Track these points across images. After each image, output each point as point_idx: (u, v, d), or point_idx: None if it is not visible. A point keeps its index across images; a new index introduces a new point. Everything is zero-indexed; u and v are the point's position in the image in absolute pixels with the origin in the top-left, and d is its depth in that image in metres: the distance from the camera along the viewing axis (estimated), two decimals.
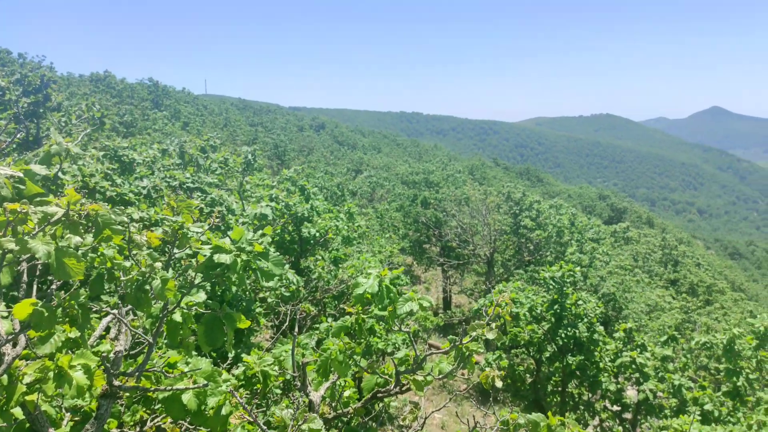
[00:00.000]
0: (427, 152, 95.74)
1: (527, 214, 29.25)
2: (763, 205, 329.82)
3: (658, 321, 26.70)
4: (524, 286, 18.74)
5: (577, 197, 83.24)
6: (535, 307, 16.27)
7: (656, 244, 49.00)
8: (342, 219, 16.56)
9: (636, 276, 33.05)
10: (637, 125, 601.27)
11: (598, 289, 25.60)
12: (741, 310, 36.82)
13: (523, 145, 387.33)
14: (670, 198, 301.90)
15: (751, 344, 14.12)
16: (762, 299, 56.73)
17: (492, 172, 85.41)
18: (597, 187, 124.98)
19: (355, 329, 5.93)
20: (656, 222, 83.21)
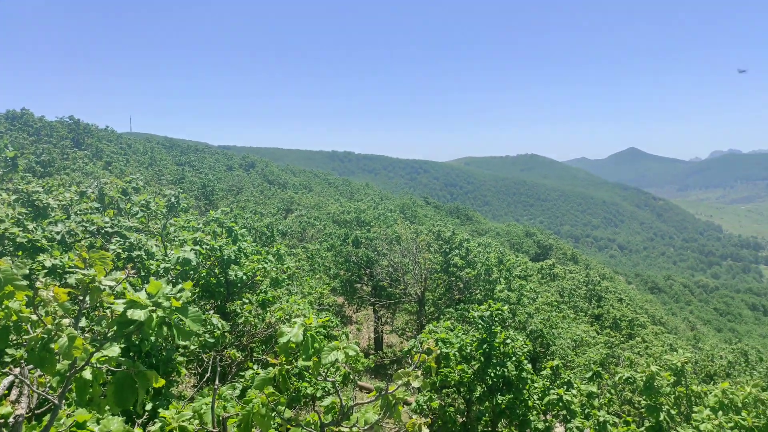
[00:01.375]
0: (358, 191, 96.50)
1: (457, 252, 29.86)
2: (678, 241, 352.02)
3: (584, 356, 27.63)
4: (454, 325, 18.98)
5: (505, 235, 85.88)
6: (465, 346, 16.49)
7: (580, 280, 50.99)
8: (271, 260, 16.32)
9: (562, 312, 34.18)
10: (560, 165, 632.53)
11: (527, 326, 26.29)
12: (661, 343, 38.70)
13: (453, 184, 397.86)
14: (592, 235, 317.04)
15: (669, 380, 14.83)
16: (680, 332, 59.96)
17: (423, 210, 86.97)
18: (524, 225, 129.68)
19: (280, 380, 5.82)
20: (580, 258, 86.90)
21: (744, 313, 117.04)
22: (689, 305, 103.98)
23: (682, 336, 52.94)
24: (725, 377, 31.68)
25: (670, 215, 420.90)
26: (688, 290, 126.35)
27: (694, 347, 40.47)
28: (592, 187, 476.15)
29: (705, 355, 34.81)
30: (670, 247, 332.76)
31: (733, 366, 34.49)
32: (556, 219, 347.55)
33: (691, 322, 75.30)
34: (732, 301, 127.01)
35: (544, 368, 17.19)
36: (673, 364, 15.12)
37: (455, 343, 16.63)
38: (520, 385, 16.15)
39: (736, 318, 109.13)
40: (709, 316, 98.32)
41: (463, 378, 15.99)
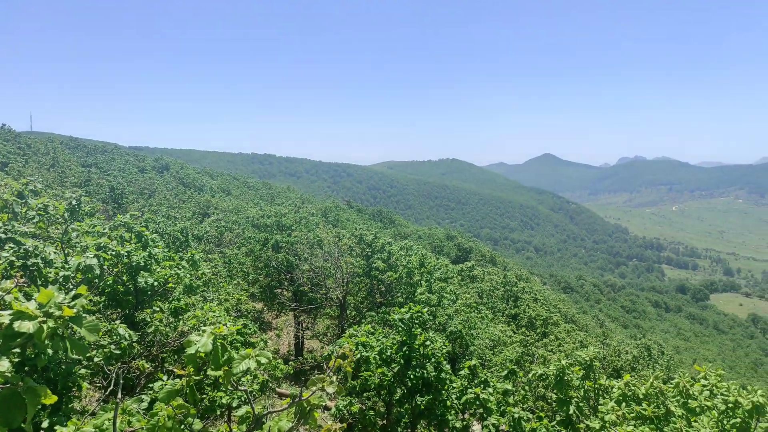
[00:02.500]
0: (279, 194, 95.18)
1: (379, 255, 30.05)
2: (589, 243, 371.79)
3: (501, 355, 28.56)
4: (375, 329, 19.08)
5: (427, 238, 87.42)
6: (385, 349, 16.61)
7: (498, 281, 52.70)
8: (184, 266, 15.76)
9: (481, 313, 35.15)
10: (480, 170, 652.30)
11: (446, 328, 26.83)
12: (573, 340, 40.67)
13: (376, 188, 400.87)
14: (510, 237, 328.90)
15: (578, 375, 15.60)
16: (591, 329, 63.22)
17: (345, 214, 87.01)
18: (445, 228, 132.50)
19: (187, 392, 5.62)
20: (499, 260, 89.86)
21: (648, 310, 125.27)
22: (599, 303, 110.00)
23: (592, 333, 55.84)
24: (630, 371, 33.65)
25: (582, 218, 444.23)
26: (597, 289, 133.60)
27: (602, 343, 42.68)
28: (510, 191, 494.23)
29: (612, 350, 36.78)
30: (582, 248, 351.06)
31: (637, 360, 36.66)
32: (476, 222, 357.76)
33: (600, 320, 79.66)
34: (637, 299, 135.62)
35: (462, 368, 17.59)
36: (582, 360, 15.93)
37: (376, 346, 16.71)
38: (439, 386, 16.47)
39: (641, 315, 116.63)
40: (616, 314, 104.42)
41: (383, 381, 16.09)
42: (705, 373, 14.02)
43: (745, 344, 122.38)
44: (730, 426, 12.41)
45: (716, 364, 57.26)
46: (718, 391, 13.19)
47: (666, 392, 13.75)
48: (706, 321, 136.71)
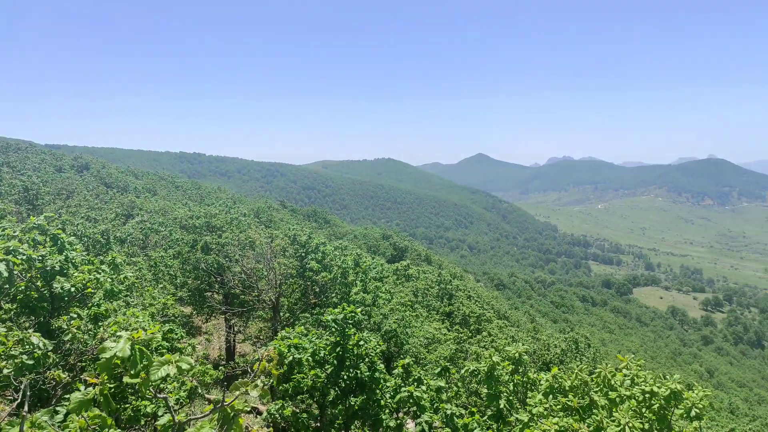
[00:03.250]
0: (209, 195, 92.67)
1: (313, 256, 29.82)
2: (521, 240, 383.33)
3: (435, 353, 28.99)
4: (309, 330, 18.93)
5: (363, 238, 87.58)
6: (318, 351, 16.51)
7: (433, 279, 53.47)
8: (105, 270, 15.06)
9: (416, 311, 35.57)
10: (415, 169, 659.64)
11: (381, 327, 26.97)
12: (505, 336, 41.82)
13: (311, 188, 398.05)
14: (445, 236, 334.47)
15: (508, 370, 16.02)
16: (522, 324, 65.16)
17: (279, 214, 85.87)
18: (381, 228, 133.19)
19: (101, 402, 5.36)
20: (433, 259, 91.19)
21: (576, 305, 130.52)
22: (530, 299, 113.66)
23: (524, 328, 57.56)
24: (559, 364, 34.96)
25: (514, 217, 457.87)
26: (529, 286, 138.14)
27: (533, 338, 44.04)
28: (444, 190, 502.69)
29: (542, 344, 38.06)
30: (514, 246, 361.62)
31: (565, 353, 38.13)
32: (411, 221, 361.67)
33: (531, 315, 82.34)
34: (566, 294, 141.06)
35: (396, 367, 17.73)
36: (512, 355, 16.38)
37: (309, 348, 16.57)
38: (373, 386, 16.51)
39: (569, 309, 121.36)
40: (546, 309, 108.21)
41: (316, 383, 15.98)
42: (626, 363, 14.72)
43: (665, 335, 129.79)
44: (649, 413, 13.09)
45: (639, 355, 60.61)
46: (638, 380, 13.87)
47: (590, 383, 14.32)
48: (630, 314, 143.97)
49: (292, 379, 15.87)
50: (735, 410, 60.48)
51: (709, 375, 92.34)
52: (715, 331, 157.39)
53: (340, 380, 16.06)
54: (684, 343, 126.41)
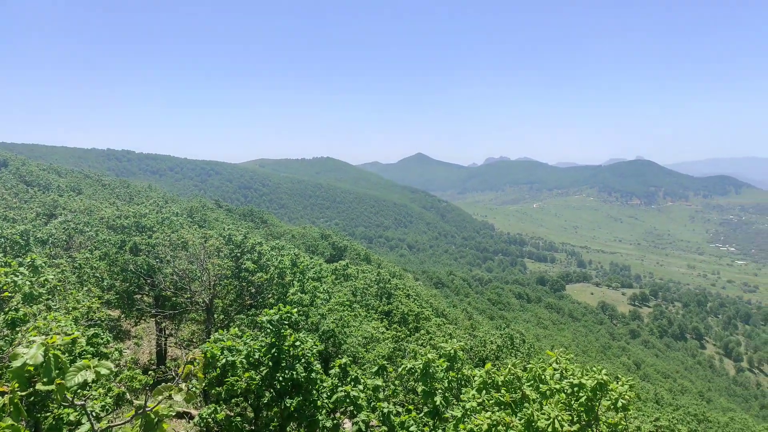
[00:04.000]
0: (139, 194, 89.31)
1: (249, 256, 29.36)
2: (459, 239, 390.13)
3: (374, 352, 29.09)
4: (244, 332, 18.62)
5: (301, 237, 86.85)
6: (253, 352, 16.26)
7: (372, 279, 53.61)
8: (23, 273, 14.31)
9: (354, 311, 35.61)
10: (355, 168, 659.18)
11: (319, 327, 26.86)
12: (443, 334, 42.42)
13: (247, 187, 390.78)
14: (384, 235, 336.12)
15: (443, 366, 16.28)
16: (460, 322, 66.35)
17: (214, 214, 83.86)
18: (320, 227, 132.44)
19: (11, 411, 5.08)
20: (373, 258, 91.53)
21: (512, 302, 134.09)
22: (467, 297, 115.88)
23: (461, 326, 58.65)
24: (495, 360, 35.84)
25: (452, 216, 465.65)
26: (466, 284, 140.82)
27: (470, 335, 44.90)
28: (384, 190, 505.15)
29: (479, 341, 38.90)
30: (452, 245, 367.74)
31: (501, 349, 39.11)
32: (351, 221, 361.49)
33: (469, 312, 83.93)
34: (502, 291, 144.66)
35: (333, 367, 17.70)
36: (447, 352, 16.67)
37: (243, 350, 16.30)
38: (310, 387, 16.42)
39: (506, 306, 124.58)
40: (483, 306, 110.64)
41: (250, 385, 15.74)
42: (556, 357, 15.26)
43: (596, 329, 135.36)
44: (577, 405, 13.63)
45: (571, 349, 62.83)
46: (567, 374, 14.41)
47: (522, 378, 14.77)
48: (563, 310, 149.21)
49: (226, 382, 15.58)
50: (660, 400, 63.73)
51: (636, 367, 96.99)
52: (641, 324, 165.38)
53: (275, 382, 15.87)
54: (613, 337, 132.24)
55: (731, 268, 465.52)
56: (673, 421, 44.09)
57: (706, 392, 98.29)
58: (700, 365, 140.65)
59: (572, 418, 13.43)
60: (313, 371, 16.72)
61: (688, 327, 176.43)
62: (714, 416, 63.02)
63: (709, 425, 56.26)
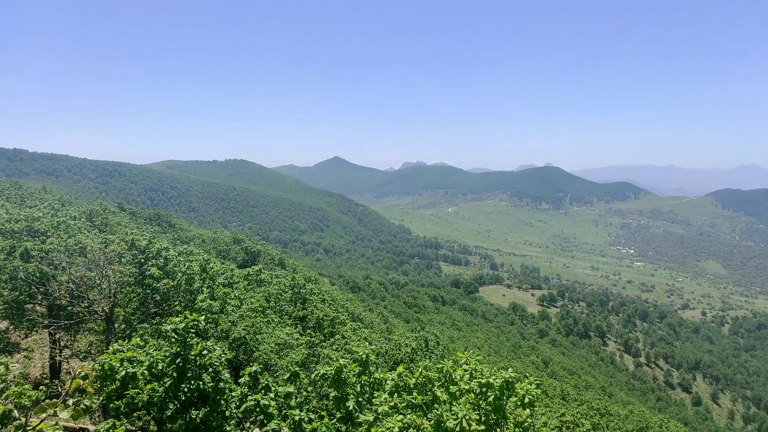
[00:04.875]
0: (32, 196, 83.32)
1: (154, 262, 28.16)
2: (376, 243, 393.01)
3: (287, 358, 28.70)
4: (147, 341, 17.84)
5: (212, 242, 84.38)
6: (156, 363, 15.59)
7: (287, 284, 52.91)
8: None
9: (267, 317, 35.01)
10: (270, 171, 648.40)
11: (230, 335, 26.19)
12: (358, 338, 42.55)
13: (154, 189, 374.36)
14: (300, 239, 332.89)
15: (355, 371, 16.30)
16: (376, 326, 66.80)
17: (116, 218, 79.72)
18: (232, 232, 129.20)
19: None
20: (288, 263, 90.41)
21: (427, 305, 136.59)
22: (384, 301, 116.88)
23: (377, 329, 59.04)
24: (409, 362, 36.34)
25: (370, 220, 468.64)
26: (383, 287, 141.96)
27: (386, 339, 45.28)
28: (300, 193, 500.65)
29: (394, 344, 39.31)
30: (369, 248, 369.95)
31: (416, 352, 39.72)
32: (265, 225, 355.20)
33: (385, 316, 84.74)
34: (418, 294, 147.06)
35: (242, 375, 17.30)
36: (359, 356, 16.71)
37: (145, 360, 15.59)
38: (217, 397, 15.96)
39: (421, 309, 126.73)
40: (399, 309, 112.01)
41: (153, 397, 15.08)
42: (466, 358, 15.69)
43: (507, 330, 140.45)
44: (485, 405, 14.07)
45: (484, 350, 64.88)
46: (476, 374, 14.85)
47: (433, 380, 15.06)
48: (476, 311, 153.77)
49: (126, 395, 14.83)
50: (566, 396, 67.07)
51: (545, 365, 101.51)
52: (549, 324, 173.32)
53: (180, 393, 15.30)
54: (523, 337, 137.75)
55: (631, 269, 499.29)
56: (578, 416, 46.48)
57: (608, 387, 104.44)
58: (602, 361, 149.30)
59: (481, 417, 13.85)
60: (222, 380, 16.27)
61: (592, 325, 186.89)
62: (615, 410, 67.05)
63: (611, 418, 59.77)
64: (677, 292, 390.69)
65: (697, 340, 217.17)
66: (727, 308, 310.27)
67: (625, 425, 58.98)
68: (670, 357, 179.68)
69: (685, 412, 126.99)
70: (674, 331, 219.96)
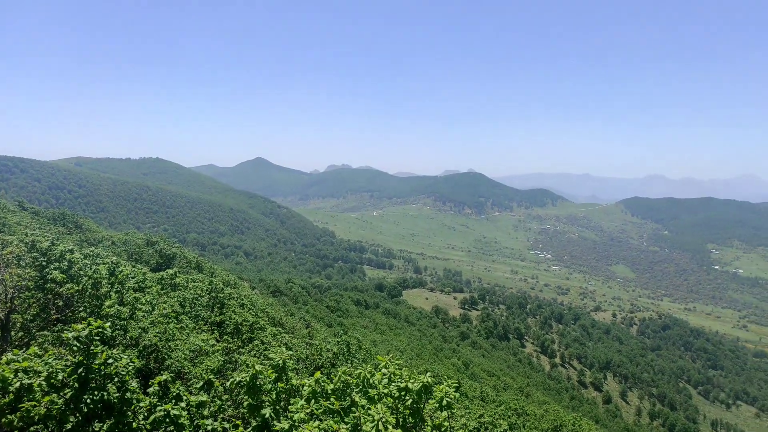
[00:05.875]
0: None
1: (57, 265, 26.65)
2: (299, 246, 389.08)
3: (202, 366, 27.87)
4: (46, 350, 16.83)
5: (123, 244, 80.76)
6: (56, 373, 14.71)
7: (204, 288, 51.42)
8: None
9: (181, 323, 33.91)
10: (188, 171, 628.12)
11: (140, 342, 25.18)
12: (278, 343, 41.94)
13: (60, 187, 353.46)
14: (219, 242, 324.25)
15: (271, 378, 16.04)
16: (297, 330, 66.05)
17: (15, 217, 74.73)
18: (145, 233, 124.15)
19: None
20: (205, 266, 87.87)
21: (350, 309, 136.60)
22: (306, 305, 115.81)
23: (298, 334, 58.45)
24: (330, 367, 36.22)
25: (293, 222, 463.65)
26: (305, 291, 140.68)
27: (307, 343, 44.93)
28: (220, 194, 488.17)
29: (315, 349, 39.07)
30: (292, 252, 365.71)
31: (337, 356, 39.63)
32: (182, 226, 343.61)
33: (307, 320, 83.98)
34: (341, 298, 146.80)
35: (152, 384, 16.64)
36: (275, 362, 16.46)
37: (43, 371, 14.67)
38: (124, 408, 15.25)
39: (344, 313, 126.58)
40: (322, 314, 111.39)
41: (51, 410, 14.20)
42: (385, 362, 15.80)
43: (430, 333, 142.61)
44: (403, 408, 14.22)
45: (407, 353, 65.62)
46: (395, 378, 14.99)
47: (351, 384, 15.07)
48: (399, 315, 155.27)
49: (21, 408, 13.89)
50: (485, 397, 68.88)
51: (465, 367, 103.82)
52: (471, 327, 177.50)
53: (82, 405, 14.50)
54: (445, 340, 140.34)
55: (548, 272, 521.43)
56: (496, 417, 47.93)
57: (526, 387, 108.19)
58: (520, 363, 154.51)
59: (398, 420, 13.99)
60: (129, 390, 15.56)
61: (511, 327, 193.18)
62: (532, 409, 69.64)
63: (527, 418, 62.02)
64: (590, 295, 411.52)
65: (608, 341, 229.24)
66: (635, 310, 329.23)
67: (541, 424, 61.39)
68: (583, 357, 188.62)
69: (597, 410, 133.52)
70: (587, 333, 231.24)
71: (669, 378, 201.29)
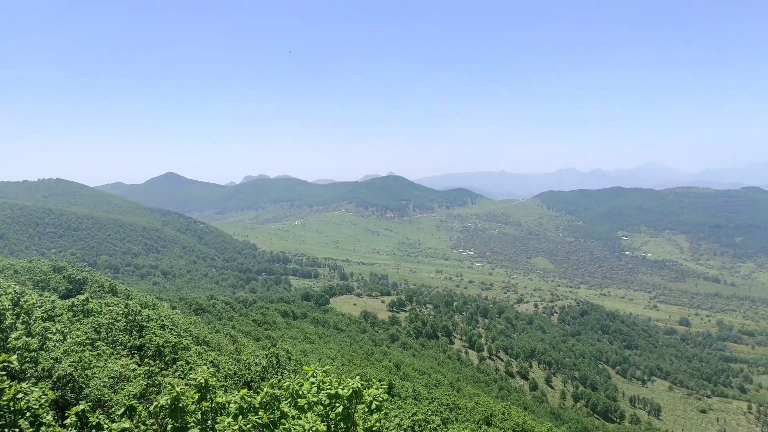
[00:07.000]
0: None
1: None
2: (220, 261, 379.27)
3: (123, 392, 26.69)
4: None
5: (27, 272, 75.87)
6: None
7: (120, 312, 49.24)
8: None
9: (98, 350, 32.38)
10: (93, 190, 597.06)
11: (53, 373, 23.82)
12: (204, 362, 40.77)
13: None
14: (134, 263, 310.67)
15: (194, 398, 15.55)
16: (224, 347, 64.31)
17: None
18: (51, 259, 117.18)
19: None
20: (120, 289, 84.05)
21: (278, 320, 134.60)
22: (231, 321, 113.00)
23: (225, 351, 56.97)
24: (260, 381, 35.62)
25: (211, 237, 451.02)
26: (230, 307, 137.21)
27: (234, 359, 43.94)
28: (130, 213, 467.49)
29: (243, 365, 38.32)
30: (213, 268, 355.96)
31: (266, 369, 39.04)
32: (91, 249, 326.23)
33: (233, 336, 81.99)
34: (267, 311, 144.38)
35: (68, 416, 15.80)
36: (198, 382, 16.00)
37: None
38: None
39: (272, 326, 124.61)
40: (249, 328, 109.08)
41: None
42: (313, 371, 15.78)
43: (360, 338, 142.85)
44: (334, 415, 14.26)
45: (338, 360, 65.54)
46: (324, 386, 15.00)
47: (280, 396, 14.92)
48: (328, 323, 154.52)
49: None
50: (418, 396, 69.73)
51: (397, 368, 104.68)
52: (400, 328, 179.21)
53: None
54: (375, 343, 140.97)
55: (471, 269, 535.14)
56: (428, 414, 48.71)
57: (456, 382, 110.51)
58: (450, 359, 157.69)
59: (330, 426, 14.02)
60: (43, 424, 14.73)
61: (439, 326, 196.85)
62: (463, 403, 71.28)
63: (459, 412, 63.42)
64: (512, 288, 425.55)
65: (531, 331, 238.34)
66: (555, 299, 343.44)
67: (473, 416, 62.99)
68: (509, 348, 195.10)
69: (525, 398, 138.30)
70: (512, 324, 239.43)
71: (589, 361, 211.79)
